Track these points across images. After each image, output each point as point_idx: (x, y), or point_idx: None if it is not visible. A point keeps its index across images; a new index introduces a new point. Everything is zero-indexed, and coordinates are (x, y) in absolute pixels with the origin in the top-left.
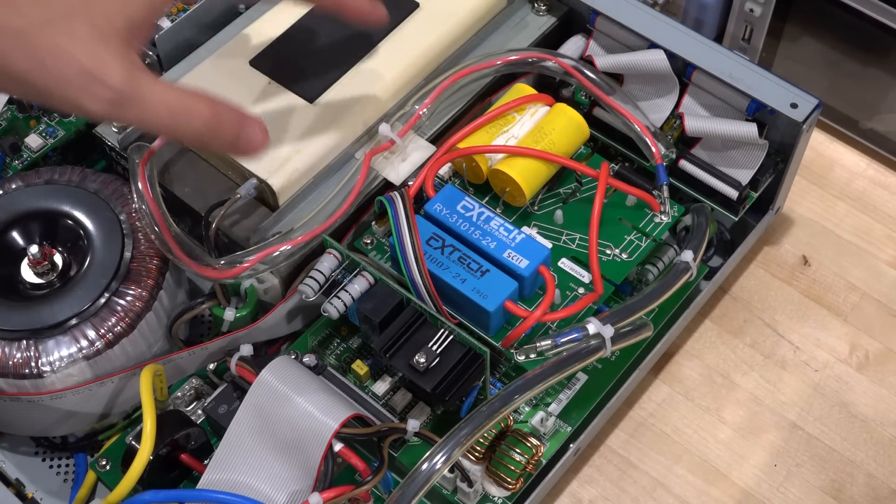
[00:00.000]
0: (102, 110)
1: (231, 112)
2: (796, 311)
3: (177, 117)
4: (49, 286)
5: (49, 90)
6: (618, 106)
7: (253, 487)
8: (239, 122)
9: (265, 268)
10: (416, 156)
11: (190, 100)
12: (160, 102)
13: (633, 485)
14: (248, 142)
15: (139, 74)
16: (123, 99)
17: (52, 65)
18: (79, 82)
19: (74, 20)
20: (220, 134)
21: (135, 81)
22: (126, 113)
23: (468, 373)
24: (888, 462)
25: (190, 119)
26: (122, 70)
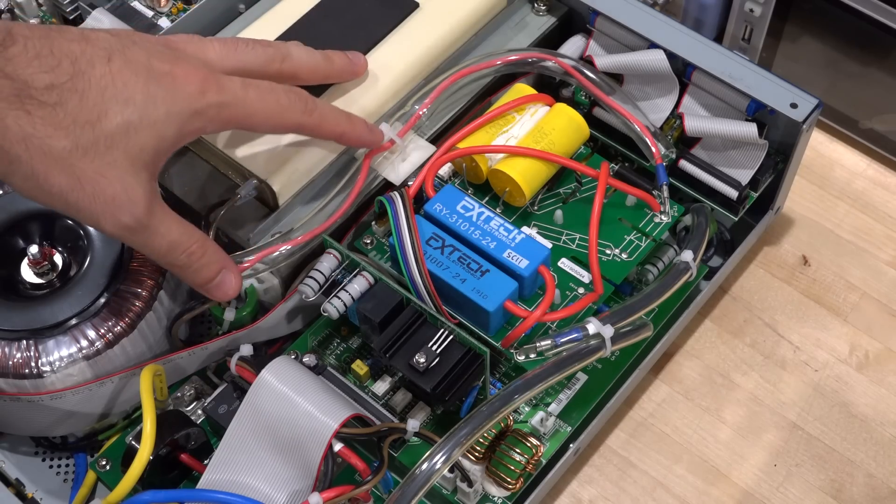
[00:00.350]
0: (117, 232)
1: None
2: (796, 311)
3: (172, 250)
4: (49, 286)
5: (79, 207)
6: (618, 106)
7: (253, 487)
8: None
9: (265, 268)
10: (416, 156)
11: (187, 235)
12: (164, 235)
13: (633, 485)
14: (220, 287)
15: (157, 207)
16: (140, 227)
17: (89, 187)
18: (107, 206)
19: (114, 150)
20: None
21: (153, 213)
22: (136, 238)
23: (468, 373)
24: (888, 462)
25: (181, 253)
26: (146, 202)
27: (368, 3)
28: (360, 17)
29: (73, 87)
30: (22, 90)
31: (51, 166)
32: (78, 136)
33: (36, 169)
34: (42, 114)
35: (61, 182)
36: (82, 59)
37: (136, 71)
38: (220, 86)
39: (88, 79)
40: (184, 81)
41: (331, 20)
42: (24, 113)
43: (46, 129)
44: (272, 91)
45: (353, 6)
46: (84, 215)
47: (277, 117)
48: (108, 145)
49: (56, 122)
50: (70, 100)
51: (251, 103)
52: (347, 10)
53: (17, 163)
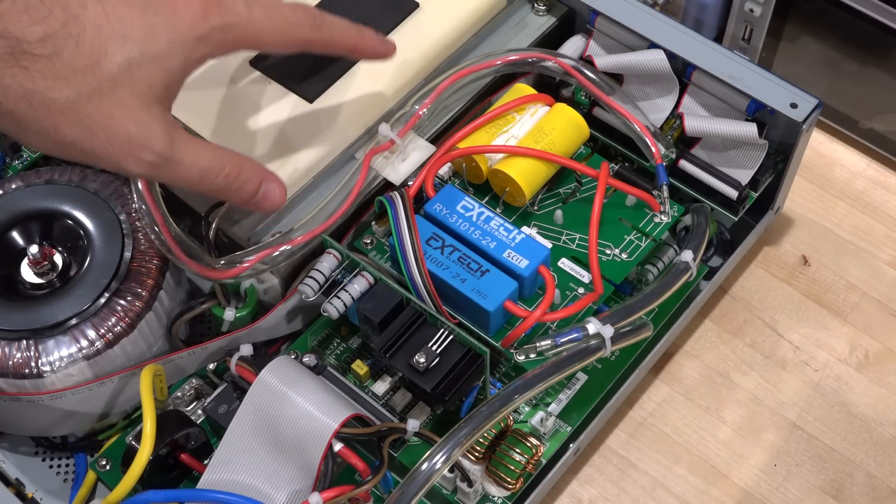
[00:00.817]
0: (143, 171)
1: (254, 169)
2: (796, 311)
3: (205, 176)
4: (49, 286)
5: (96, 154)
6: (618, 106)
7: (253, 487)
8: (260, 179)
9: (265, 268)
10: (416, 156)
11: (218, 160)
12: (193, 164)
13: (633, 485)
14: (265, 199)
15: (177, 137)
16: (164, 161)
17: (101, 133)
18: (125, 147)
19: (119, 90)
20: (239, 189)
21: (174, 145)
22: (163, 173)
23: (468, 373)
24: (888, 462)
25: (216, 177)
26: (165, 135)
27: (368, 3)
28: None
29: (66, 33)
30: (15, 46)
31: (58, 118)
32: (80, 83)
33: (44, 124)
34: (39, 67)
35: (73, 132)
36: (74, 2)
37: (131, 4)
38: (223, 6)
39: (82, 22)
40: (183, 7)
41: None
42: (20, 69)
43: (46, 81)
44: (278, 8)
45: (352, 6)
46: (104, 161)
47: (286, 35)
48: (112, 86)
49: (55, 73)
50: (66, 48)
51: (257, 22)
52: (347, 10)
53: (25, 121)
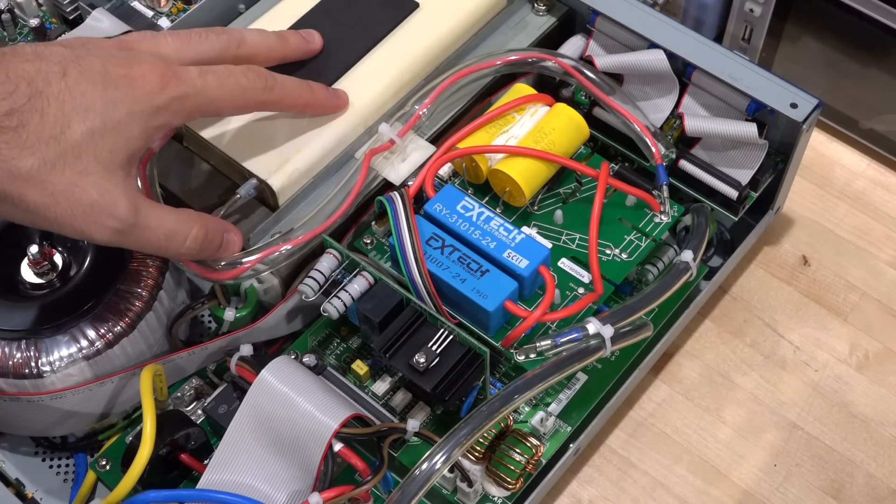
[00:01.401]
0: (107, 238)
1: (216, 224)
2: (796, 311)
3: (172, 240)
4: (49, 286)
5: (60, 222)
6: (618, 106)
7: (253, 487)
8: (222, 232)
9: (265, 268)
10: (416, 156)
11: (182, 223)
12: (157, 228)
13: (633, 485)
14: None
15: (141, 203)
16: (128, 227)
17: (64, 200)
18: (88, 215)
19: (83, 158)
20: (207, 248)
21: (138, 211)
22: (128, 239)
23: (468, 373)
24: (888, 462)
25: (184, 241)
26: (128, 201)
27: (368, 3)
28: (360, 16)
29: (31, 107)
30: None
31: (22, 186)
32: (44, 153)
33: (8, 191)
34: (6, 138)
35: (36, 199)
36: (38, 78)
37: (92, 80)
38: (179, 78)
39: (46, 97)
40: (142, 81)
41: (331, 20)
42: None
43: (12, 151)
44: (230, 74)
45: (352, 6)
46: (68, 229)
47: (239, 99)
48: (76, 154)
49: (21, 143)
50: (31, 120)
51: (211, 90)
52: (347, 9)
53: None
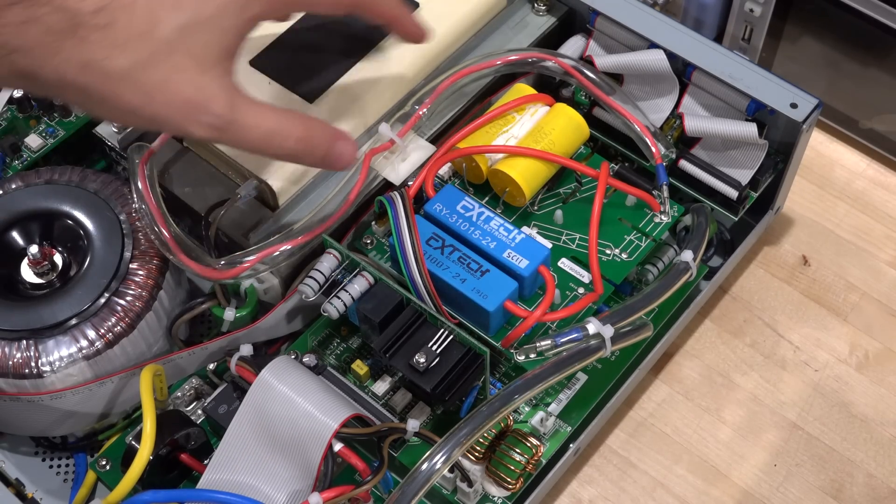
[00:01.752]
0: (206, 134)
1: (322, 130)
2: (796, 311)
3: (271, 138)
4: (49, 286)
5: (158, 120)
6: (618, 106)
7: (253, 487)
8: (330, 139)
9: (265, 268)
10: (416, 156)
11: (284, 120)
12: (256, 125)
13: (633, 485)
14: (339, 157)
15: (239, 99)
16: (225, 124)
17: (161, 98)
18: (186, 111)
19: (176, 54)
20: (311, 152)
21: (235, 107)
22: (226, 136)
23: (468, 373)
24: (888, 462)
25: (284, 139)
26: (224, 96)
27: None
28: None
29: (120, 4)
30: (73, 18)
31: (117, 86)
32: (135, 51)
33: (104, 93)
34: (96, 37)
35: (132, 99)
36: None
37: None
38: None
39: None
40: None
41: (331, 21)
42: (79, 40)
43: (103, 50)
44: None
45: None
46: (168, 126)
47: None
48: (168, 51)
49: (112, 42)
50: (121, 17)
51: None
52: None
53: (87, 91)
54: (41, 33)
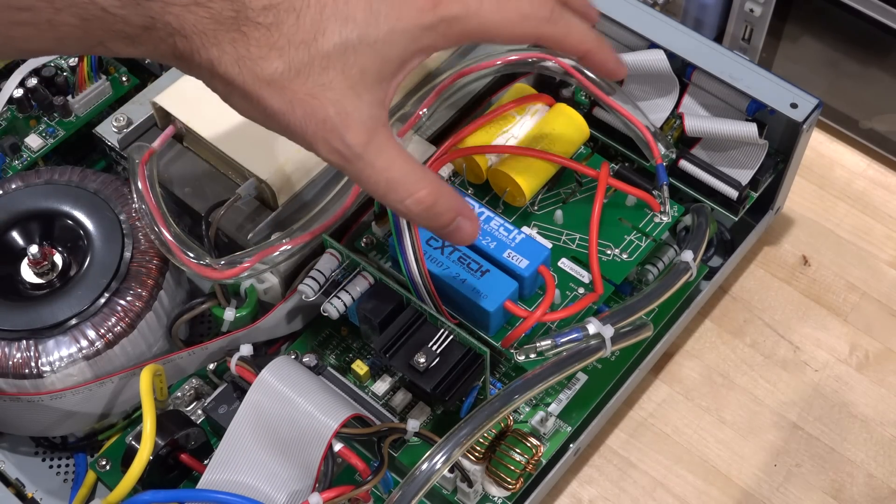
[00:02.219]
0: (331, 158)
1: (451, 201)
2: (796, 311)
3: (393, 189)
4: (49, 286)
5: (291, 130)
6: (618, 106)
7: (253, 487)
8: (454, 212)
9: (265, 268)
10: (416, 156)
11: (412, 175)
12: (383, 169)
13: (633, 485)
14: (457, 233)
15: (377, 136)
16: (353, 156)
17: (301, 111)
18: (320, 130)
19: (330, 70)
20: (430, 220)
21: (369, 144)
22: (350, 167)
23: (468, 373)
24: (888, 462)
25: (405, 195)
26: (362, 129)
27: None
28: None
29: (290, 5)
30: (240, 11)
31: (263, 88)
32: (291, 57)
33: (249, 91)
34: (257, 35)
35: (274, 105)
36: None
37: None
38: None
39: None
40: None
41: None
42: (240, 35)
43: (261, 50)
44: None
45: None
46: (298, 138)
47: (516, 28)
48: (323, 66)
49: (270, 43)
50: (287, 20)
51: (487, 14)
52: None
53: (233, 84)
54: (206, 20)
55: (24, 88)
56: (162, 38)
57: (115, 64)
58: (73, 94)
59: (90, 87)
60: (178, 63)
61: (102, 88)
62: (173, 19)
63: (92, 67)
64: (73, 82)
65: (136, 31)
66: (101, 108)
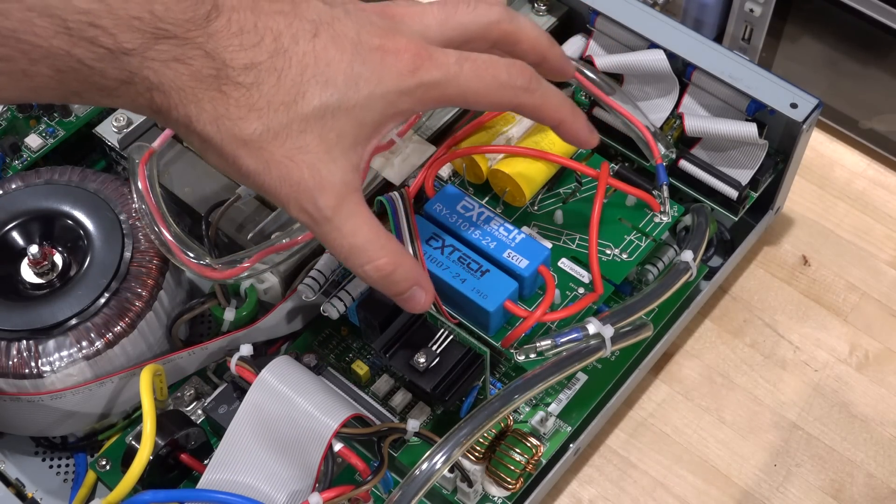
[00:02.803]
0: (301, 218)
1: (408, 272)
2: (796, 311)
3: (355, 254)
4: (49, 286)
5: (265, 189)
6: (618, 106)
7: (253, 487)
8: (410, 283)
9: (265, 268)
10: (416, 156)
11: (374, 243)
12: (349, 234)
13: (633, 485)
14: (410, 301)
15: (347, 201)
16: (322, 219)
17: (276, 172)
18: (293, 192)
19: (308, 133)
20: (387, 287)
21: (339, 208)
22: (317, 229)
23: (468, 373)
24: (888, 462)
25: (365, 261)
26: (334, 193)
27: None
28: None
29: (272, 66)
30: (220, 69)
31: (240, 148)
32: (270, 119)
33: (226, 150)
34: (237, 95)
35: (249, 165)
36: (286, 34)
37: (342, 47)
38: (434, 61)
39: (290, 57)
40: (393, 58)
41: None
42: (219, 94)
43: (240, 110)
44: (491, 65)
45: None
46: (272, 198)
47: (493, 95)
48: (301, 129)
49: (250, 104)
50: (267, 80)
51: (466, 81)
52: None
53: (210, 143)
54: (185, 76)
55: None
56: (140, 92)
57: None
58: None
59: None
60: (155, 116)
61: None
62: (152, 74)
63: None
64: None
65: (114, 85)
66: (102, 108)
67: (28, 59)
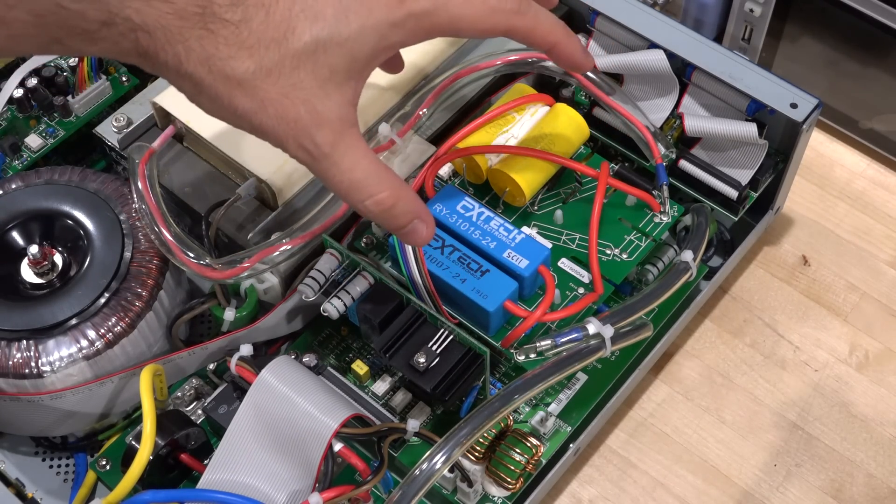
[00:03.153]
0: (299, 156)
1: (409, 205)
2: (796, 311)
3: (355, 189)
4: (49, 286)
5: (263, 130)
6: (618, 106)
7: (253, 487)
8: (411, 215)
9: (265, 268)
10: (416, 156)
11: (374, 176)
12: (347, 171)
13: (633, 485)
14: (413, 234)
15: (345, 135)
16: (321, 155)
17: (272, 110)
18: (290, 129)
19: (300, 69)
20: (388, 221)
21: (337, 144)
22: (316, 166)
23: (468, 373)
24: (888, 462)
25: (365, 196)
26: (332, 128)
27: None
28: None
29: (259, 2)
30: (206, 7)
31: (233, 89)
32: (262, 57)
33: (219, 91)
34: (225, 33)
35: (244, 105)
36: None
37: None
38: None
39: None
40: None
41: None
42: (206, 32)
43: (229, 49)
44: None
45: None
46: (270, 138)
47: (485, 21)
48: (293, 65)
49: (239, 42)
50: (255, 16)
51: (455, 8)
52: None
53: (201, 85)
54: (169, 15)
55: (24, 88)
56: (123, 33)
57: (115, 64)
58: (73, 94)
59: (90, 87)
60: (143, 61)
61: (102, 88)
62: (134, 14)
63: (92, 67)
64: (73, 82)
65: (94, 27)
66: (101, 108)
67: (4, 5)
